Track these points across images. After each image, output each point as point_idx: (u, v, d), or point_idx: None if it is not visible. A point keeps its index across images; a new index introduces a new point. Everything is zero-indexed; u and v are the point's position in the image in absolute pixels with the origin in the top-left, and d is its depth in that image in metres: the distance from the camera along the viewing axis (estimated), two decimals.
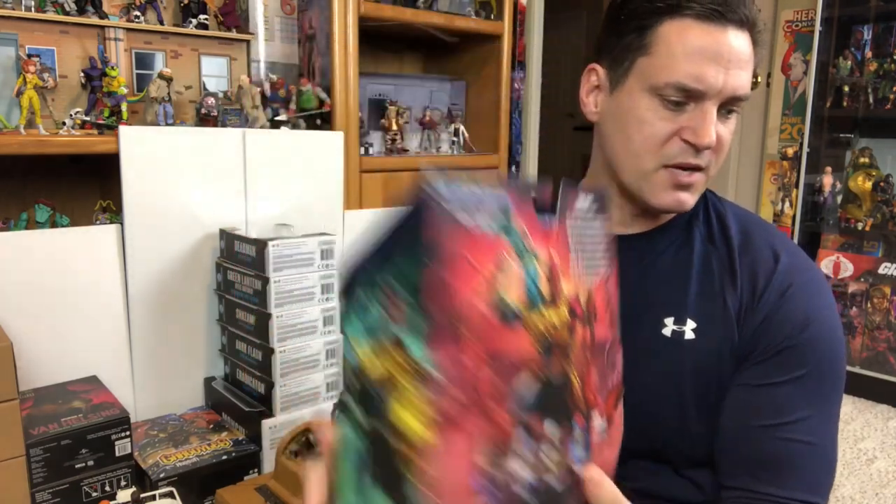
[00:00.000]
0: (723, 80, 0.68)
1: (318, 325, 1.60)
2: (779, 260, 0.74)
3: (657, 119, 0.70)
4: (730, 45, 0.67)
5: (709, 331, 0.73)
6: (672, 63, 0.67)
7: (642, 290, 0.77)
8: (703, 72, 0.67)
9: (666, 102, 0.69)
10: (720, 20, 0.67)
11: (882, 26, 2.30)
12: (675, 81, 0.68)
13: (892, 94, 2.27)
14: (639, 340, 0.74)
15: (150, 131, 1.64)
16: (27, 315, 1.50)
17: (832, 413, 0.71)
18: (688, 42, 0.67)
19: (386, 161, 2.18)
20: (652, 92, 0.69)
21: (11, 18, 1.61)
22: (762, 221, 0.83)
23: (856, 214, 2.37)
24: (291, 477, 1.33)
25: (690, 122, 0.69)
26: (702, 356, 0.73)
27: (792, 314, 0.71)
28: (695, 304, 0.74)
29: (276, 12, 2.08)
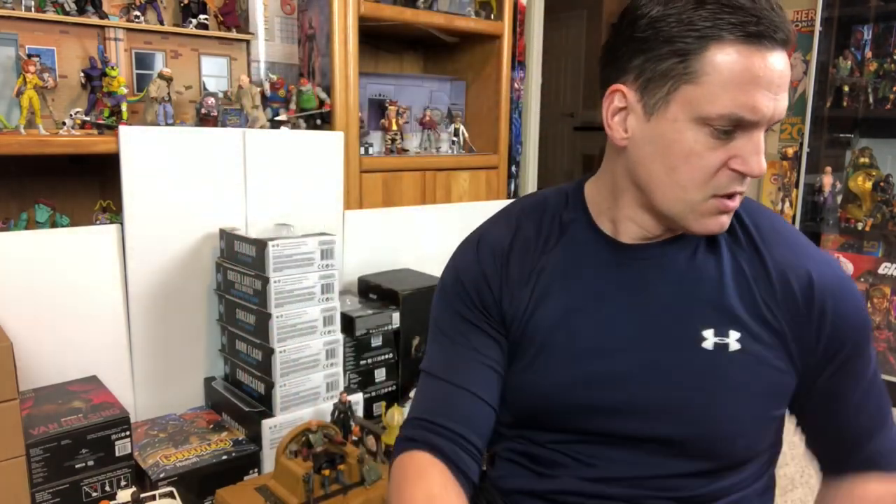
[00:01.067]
0: (773, 105, 0.66)
1: (318, 325, 1.60)
2: (807, 259, 0.74)
3: (706, 150, 0.67)
4: (777, 69, 0.65)
5: (755, 340, 0.72)
6: (724, 93, 0.64)
7: (672, 302, 0.74)
8: (756, 101, 0.64)
9: (716, 132, 0.66)
10: (766, 42, 0.64)
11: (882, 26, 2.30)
12: (729, 113, 0.64)
13: (892, 94, 2.27)
14: (675, 356, 0.73)
15: (150, 131, 1.64)
16: (27, 315, 1.50)
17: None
18: (739, 69, 0.64)
19: (386, 161, 2.18)
20: (700, 122, 0.66)
21: (11, 18, 1.61)
22: (761, 207, 0.81)
23: (856, 214, 2.37)
24: (291, 477, 1.33)
25: (740, 151, 0.66)
26: (751, 366, 0.72)
27: (845, 313, 0.73)
28: (735, 312, 0.72)
29: (276, 12, 2.08)
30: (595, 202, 0.80)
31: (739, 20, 0.63)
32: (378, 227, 2.12)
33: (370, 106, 2.29)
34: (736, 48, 0.64)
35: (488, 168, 2.47)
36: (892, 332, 2.25)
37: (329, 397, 1.64)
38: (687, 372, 0.73)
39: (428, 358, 0.83)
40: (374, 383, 1.84)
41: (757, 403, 0.74)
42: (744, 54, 0.64)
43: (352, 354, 1.79)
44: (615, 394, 0.74)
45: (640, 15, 0.68)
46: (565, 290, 0.77)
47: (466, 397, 0.77)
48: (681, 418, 0.73)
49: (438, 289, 0.85)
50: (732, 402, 0.73)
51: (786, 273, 0.73)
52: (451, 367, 0.79)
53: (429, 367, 0.82)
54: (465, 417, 0.76)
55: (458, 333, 0.80)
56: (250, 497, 1.35)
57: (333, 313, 1.63)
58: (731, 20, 0.63)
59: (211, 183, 1.73)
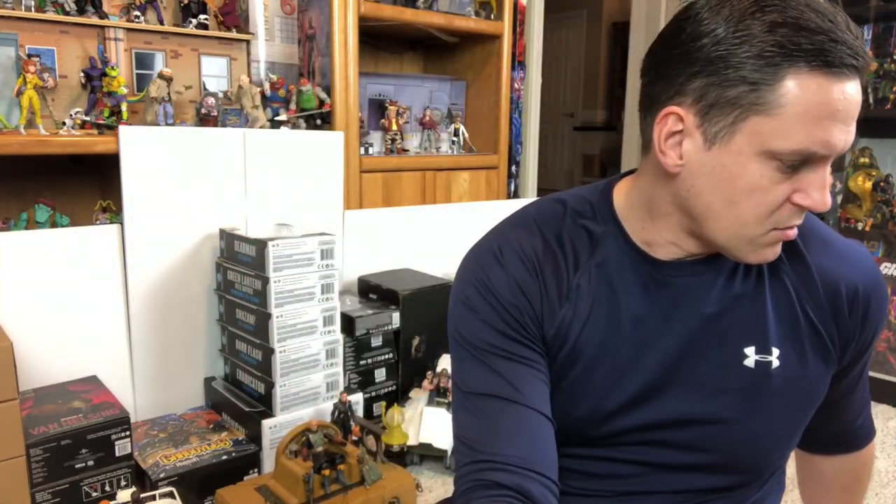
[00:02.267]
0: (846, 139, 0.61)
1: (318, 325, 1.60)
2: (851, 264, 0.74)
3: (772, 185, 0.62)
4: (854, 99, 0.60)
5: (797, 356, 0.72)
6: (799, 127, 0.59)
7: (713, 320, 0.72)
8: (832, 136, 0.59)
9: (783, 167, 0.61)
10: (846, 71, 0.58)
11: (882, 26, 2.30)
12: (803, 148, 0.60)
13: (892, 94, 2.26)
14: (719, 375, 0.72)
15: (150, 131, 1.64)
16: (27, 315, 1.50)
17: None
18: (817, 102, 0.58)
19: (386, 161, 2.18)
20: (768, 156, 0.61)
21: (11, 18, 1.61)
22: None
23: (856, 214, 2.37)
24: (291, 477, 1.33)
25: (804, 185, 0.62)
26: (793, 379, 0.72)
27: (881, 313, 0.76)
28: (776, 329, 0.71)
29: (276, 12, 2.08)
30: (628, 216, 0.74)
31: (817, 46, 0.57)
32: (378, 227, 2.12)
33: (370, 106, 2.29)
34: (814, 78, 0.58)
35: (488, 168, 2.47)
36: (892, 333, 2.25)
37: (329, 397, 1.64)
38: (731, 391, 0.71)
39: (466, 376, 0.73)
40: (374, 383, 1.84)
41: (796, 416, 0.74)
42: (822, 85, 0.58)
43: (352, 354, 1.79)
44: (656, 413, 0.72)
45: (703, 32, 0.61)
46: (604, 309, 0.73)
47: (539, 420, 0.70)
48: (722, 436, 0.72)
49: (460, 304, 0.75)
50: (774, 419, 0.72)
51: (833, 279, 0.72)
52: (508, 384, 0.70)
53: (475, 388, 0.72)
54: (546, 449, 0.70)
55: (505, 350, 0.72)
56: (250, 497, 1.34)
57: (333, 313, 1.63)
58: (808, 46, 0.57)
59: (211, 183, 1.73)
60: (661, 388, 0.72)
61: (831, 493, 0.94)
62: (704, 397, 0.72)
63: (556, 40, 5.57)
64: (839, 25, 0.58)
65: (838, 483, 0.92)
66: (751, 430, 0.72)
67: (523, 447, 0.68)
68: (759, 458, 0.74)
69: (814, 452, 0.90)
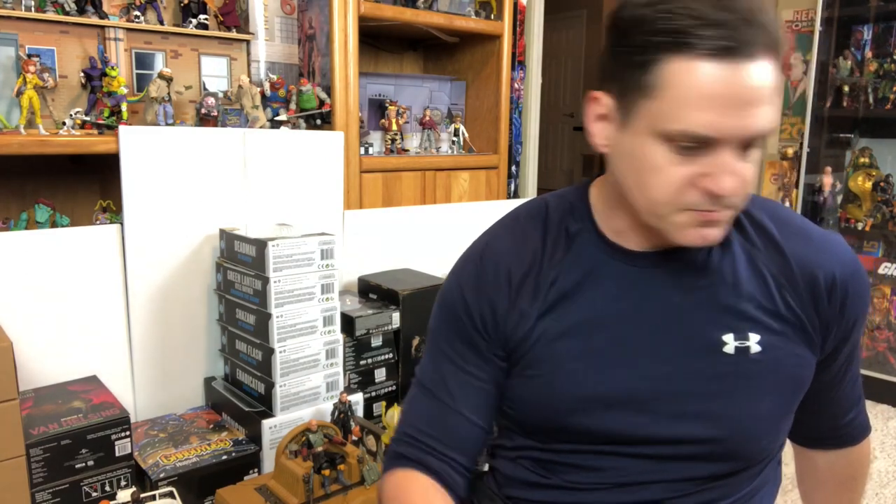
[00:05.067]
0: (741, 123, 0.60)
1: (318, 325, 1.60)
2: (826, 251, 0.74)
3: (670, 166, 0.63)
4: (746, 84, 0.59)
5: (776, 339, 0.72)
6: (680, 110, 0.60)
7: (688, 309, 0.73)
8: (717, 119, 0.60)
9: (679, 148, 0.62)
10: (735, 56, 0.58)
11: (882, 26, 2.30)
12: (685, 130, 0.61)
13: (892, 94, 2.27)
14: (697, 363, 0.72)
15: (150, 131, 1.64)
16: (27, 315, 1.50)
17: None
18: (697, 86, 0.59)
19: (386, 161, 2.18)
20: (660, 137, 0.63)
21: (11, 18, 1.61)
22: (767, 201, 0.79)
23: (856, 214, 2.37)
24: (291, 477, 1.33)
25: (707, 169, 0.63)
26: (773, 366, 0.72)
27: (861, 299, 0.75)
28: (754, 315, 0.72)
29: (276, 12, 2.08)
30: (600, 210, 0.77)
31: (706, 31, 0.58)
32: (378, 227, 2.12)
33: (370, 106, 2.29)
34: (699, 62, 0.59)
35: (488, 168, 2.47)
36: (892, 332, 2.25)
37: (329, 397, 1.64)
38: (710, 379, 0.72)
39: (423, 368, 0.82)
40: (374, 383, 1.84)
41: (780, 401, 0.74)
42: (706, 68, 0.59)
43: (352, 354, 1.79)
44: (635, 405, 0.73)
45: (618, 17, 0.65)
46: (576, 304, 0.74)
47: (460, 420, 0.78)
48: (705, 425, 0.72)
49: (439, 299, 0.82)
50: (757, 405, 0.73)
51: (809, 268, 0.73)
52: (445, 387, 0.78)
53: (423, 379, 0.81)
54: (458, 441, 0.78)
55: (455, 352, 0.78)
56: (250, 497, 1.34)
57: (333, 313, 1.63)
58: (697, 31, 0.58)
59: (211, 183, 1.73)
60: (640, 380, 0.73)
61: (827, 489, 0.93)
62: (685, 386, 0.73)
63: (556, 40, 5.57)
64: (736, 10, 0.59)
65: (833, 479, 0.91)
66: (736, 416, 0.72)
67: (436, 433, 0.77)
68: (747, 445, 0.74)
69: (807, 447, 0.90)
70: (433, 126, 2.36)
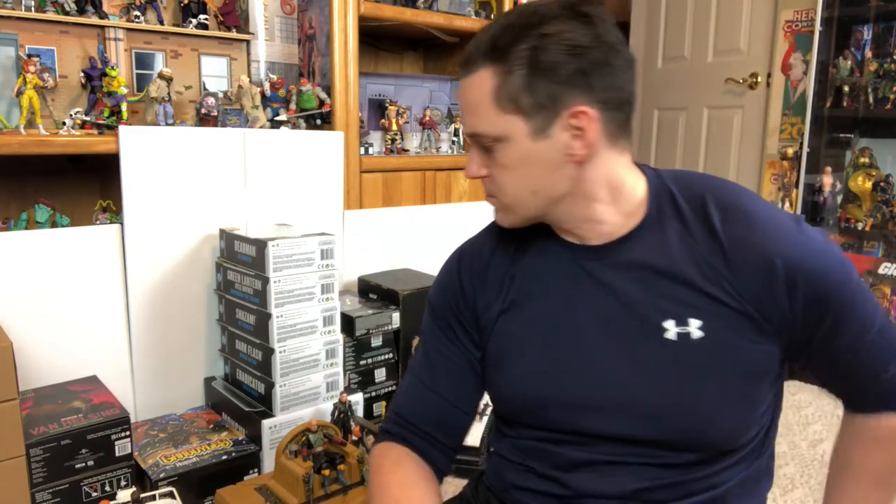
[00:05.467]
0: (465, 126, 0.76)
1: (318, 325, 1.60)
2: (768, 238, 0.72)
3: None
4: (463, 93, 0.75)
5: (719, 324, 0.72)
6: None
7: (632, 298, 0.75)
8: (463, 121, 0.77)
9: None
10: (463, 70, 0.75)
11: (882, 26, 2.30)
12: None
13: (892, 94, 2.26)
14: (641, 350, 0.74)
15: (150, 131, 1.64)
16: (27, 315, 1.50)
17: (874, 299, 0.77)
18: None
19: (386, 161, 2.18)
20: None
21: (11, 18, 1.62)
22: (726, 188, 0.78)
23: (856, 214, 2.36)
24: (291, 477, 1.33)
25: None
26: (717, 351, 0.72)
27: (820, 280, 0.72)
28: (692, 300, 0.72)
29: (276, 12, 2.08)
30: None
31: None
32: (378, 227, 2.12)
33: (370, 106, 2.29)
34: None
35: None
36: None
37: (329, 397, 1.64)
38: (655, 365, 0.73)
39: (414, 355, 0.91)
40: (374, 383, 1.84)
41: (730, 387, 0.73)
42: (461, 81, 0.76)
43: (352, 354, 1.79)
44: (589, 393, 0.77)
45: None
46: (531, 296, 0.81)
47: (436, 399, 0.86)
48: (654, 411, 0.73)
49: (429, 293, 0.92)
50: (702, 390, 0.73)
51: (744, 255, 0.72)
52: (426, 369, 0.88)
53: (413, 365, 0.90)
54: (435, 418, 0.86)
55: (436, 339, 0.87)
56: (250, 497, 1.34)
57: (333, 313, 1.63)
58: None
59: (211, 183, 1.73)
60: (591, 367, 0.76)
61: (866, 470, 0.83)
62: (632, 373, 0.74)
63: None
64: (485, 28, 0.74)
65: (878, 448, 0.81)
66: (681, 402, 0.73)
67: (416, 411, 0.87)
68: (698, 433, 0.74)
69: (858, 411, 0.82)
70: (433, 126, 2.36)
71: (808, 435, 2.02)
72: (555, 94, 0.70)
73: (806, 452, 1.90)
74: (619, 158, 0.76)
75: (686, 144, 3.14)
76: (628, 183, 0.76)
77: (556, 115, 0.71)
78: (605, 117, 0.72)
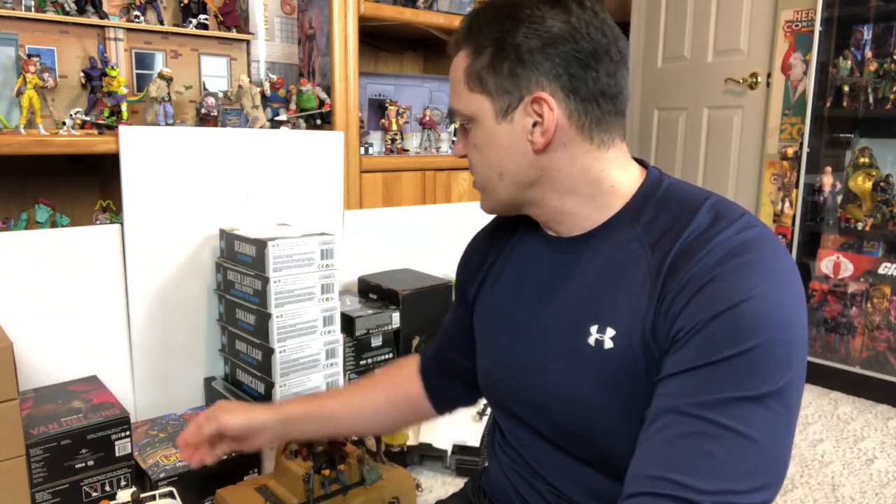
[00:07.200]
0: (449, 103, 0.79)
1: (318, 325, 1.60)
2: (710, 250, 0.64)
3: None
4: (449, 74, 0.79)
5: (627, 337, 0.67)
6: None
7: (569, 297, 0.74)
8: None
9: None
10: (451, 55, 0.79)
11: (882, 26, 2.30)
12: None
13: (892, 94, 2.26)
14: (568, 351, 0.73)
15: (150, 131, 1.64)
16: (27, 315, 1.50)
17: (770, 402, 0.59)
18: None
19: (386, 161, 2.18)
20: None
21: (11, 18, 1.62)
22: (721, 237, 0.65)
23: (856, 214, 2.36)
24: (291, 477, 1.33)
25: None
26: (622, 364, 0.68)
27: (710, 297, 0.62)
28: (613, 309, 0.69)
29: (276, 12, 2.08)
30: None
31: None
32: (378, 227, 2.12)
33: (370, 106, 2.29)
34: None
35: None
36: (892, 332, 2.25)
37: None
38: (572, 367, 0.72)
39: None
40: None
41: (632, 405, 0.67)
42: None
43: (352, 354, 1.79)
44: (516, 391, 0.80)
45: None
46: (505, 288, 0.84)
47: (440, 350, 1.01)
48: (566, 412, 0.74)
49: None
50: (603, 399, 0.70)
51: (677, 267, 0.65)
52: (445, 329, 1.00)
53: (445, 318, 1.02)
54: (438, 355, 1.01)
55: (453, 304, 0.99)
56: (250, 497, 1.34)
57: (333, 313, 1.63)
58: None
59: (211, 183, 1.73)
60: (523, 360, 0.79)
61: None
62: (553, 372, 0.75)
63: None
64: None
65: None
66: (585, 407, 0.72)
67: (431, 347, 1.03)
68: (601, 442, 0.71)
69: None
70: (433, 126, 2.36)
71: (808, 435, 2.02)
72: (518, 76, 0.70)
73: (806, 452, 1.90)
74: (599, 153, 0.72)
75: (686, 144, 3.14)
76: (611, 179, 0.73)
77: (520, 100, 0.70)
78: (575, 108, 0.70)
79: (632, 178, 0.75)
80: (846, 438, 2.01)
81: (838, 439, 2.00)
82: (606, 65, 0.70)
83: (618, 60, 0.72)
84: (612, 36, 0.71)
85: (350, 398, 1.04)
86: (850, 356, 2.34)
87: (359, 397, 1.04)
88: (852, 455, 1.90)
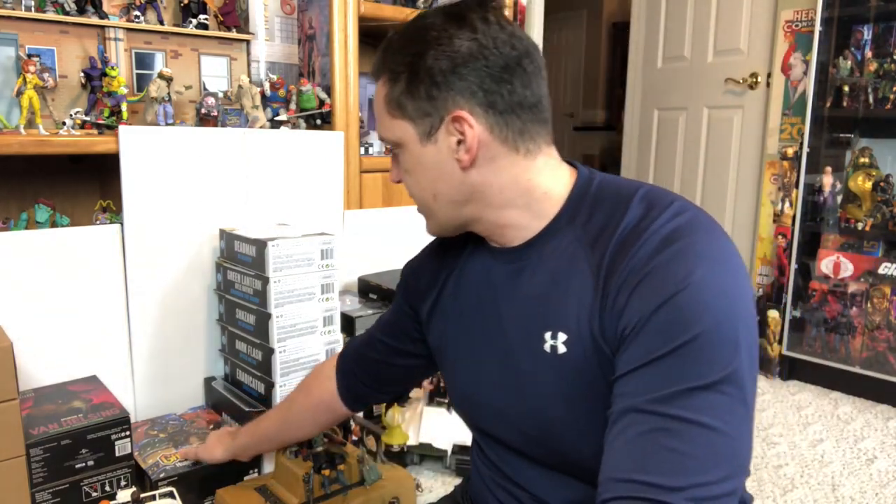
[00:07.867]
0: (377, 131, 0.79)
1: (318, 324, 1.60)
2: (644, 241, 0.64)
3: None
4: (374, 100, 0.78)
5: (579, 340, 0.68)
6: None
7: (521, 307, 0.74)
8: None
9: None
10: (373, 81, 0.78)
11: (882, 26, 2.30)
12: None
13: (892, 94, 2.26)
14: (525, 359, 0.73)
15: (150, 131, 1.64)
16: (27, 315, 1.50)
17: (723, 387, 0.58)
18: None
19: (386, 161, 2.18)
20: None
21: (11, 18, 1.62)
22: (661, 231, 0.65)
23: (856, 214, 2.36)
24: (291, 477, 1.33)
25: None
26: (577, 368, 0.68)
27: (649, 290, 0.62)
28: (563, 314, 0.69)
29: (276, 12, 2.08)
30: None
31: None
32: (378, 227, 2.12)
33: (370, 106, 2.29)
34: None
35: None
36: (892, 332, 2.25)
37: None
38: (531, 376, 0.73)
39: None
40: None
41: (593, 406, 0.67)
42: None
43: None
44: (486, 401, 0.80)
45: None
46: (456, 303, 0.85)
47: (371, 349, 1.03)
48: (531, 422, 0.74)
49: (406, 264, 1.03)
50: (565, 404, 0.70)
51: (622, 272, 0.65)
52: (378, 327, 1.02)
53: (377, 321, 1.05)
54: (359, 363, 1.04)
55: (395, 305, 1.00)
56: (250, 497, 1.34)
57: (333, 313, 1.63)
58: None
59: (211, 183, 1.73)
60: (481, 371, 0.80)
61: None
62: (510, 380, 0.75)
63: (556, 40, 5.57)
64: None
65: None
66: (544, 414, 0.72)
67: (356, 346, 1.06)
68: (564, 449, 0.72)
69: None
70: None
71: (808, 435, 2.02)
72: (434, 98, 0.70)
73: (806, 452, 1.90)
74: (527, 163, 0.73)
75: (686, 144, 3.14)
76: (542, 186, 0.74)
77: (441, 120, 0.71)
78: (495, 122, 0.71)
79: (563, 181, 0.75)
80: (846, 438, 2.01)
81: (838, 439, 2.00)
82: (520, 76, 0.71)
83: (531, 71, 0.72)
84: (521, 48, 0.71)
85: (280, 414, 1.18)
86: (850, 356, 2.34)
87: (285, 412, 1.16)
88: (852, 455, 1.90)
